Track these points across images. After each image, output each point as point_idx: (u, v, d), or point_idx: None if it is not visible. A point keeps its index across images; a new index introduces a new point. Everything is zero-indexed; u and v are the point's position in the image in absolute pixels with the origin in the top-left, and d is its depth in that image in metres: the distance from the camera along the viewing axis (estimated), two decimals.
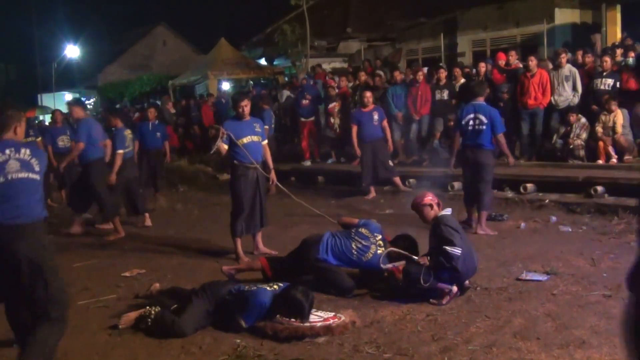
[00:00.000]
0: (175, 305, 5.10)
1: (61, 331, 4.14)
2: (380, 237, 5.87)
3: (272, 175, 7.53)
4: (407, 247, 5.76)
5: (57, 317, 4.07)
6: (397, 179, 10.77)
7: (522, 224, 8.21)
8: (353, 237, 5.92)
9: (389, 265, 5.72)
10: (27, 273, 3.97)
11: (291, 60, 21.22)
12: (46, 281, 4.02)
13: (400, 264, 5.65)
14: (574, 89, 10.77)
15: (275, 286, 5.09)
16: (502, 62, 12.02)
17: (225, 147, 7.05)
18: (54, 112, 13.91)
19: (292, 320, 4.78)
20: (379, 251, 5.76)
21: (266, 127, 11.53)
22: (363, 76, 13.75)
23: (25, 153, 4.18)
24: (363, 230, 5.94)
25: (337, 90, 13.80)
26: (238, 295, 4.98)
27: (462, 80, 12.49)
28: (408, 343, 4.54)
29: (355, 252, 5.79)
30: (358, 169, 11.04)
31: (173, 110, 19.37)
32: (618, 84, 10.46)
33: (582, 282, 5.70)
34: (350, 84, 14.20)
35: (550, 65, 11.31)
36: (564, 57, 10.89)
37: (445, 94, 12.06)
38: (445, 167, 9.11)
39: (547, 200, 9.20)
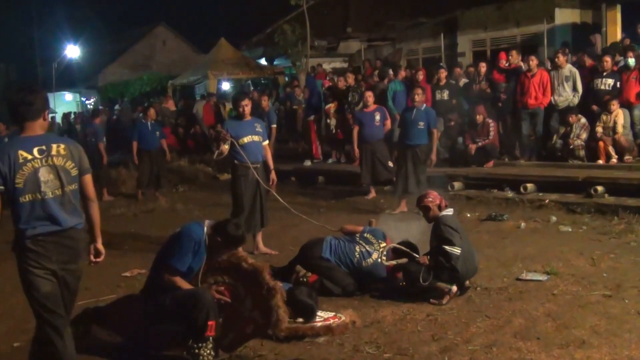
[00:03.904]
0: None
1: None
2: (384, 244, 5.87)
3: (273, 175, 7.53)
4: (408, 249, 5.80)
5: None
6: None
7: (522, 224, 8.20)
8: (358, 240, 5.94)
9: (392, 262, 5.73)
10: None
11: (291, 60, 21.23)
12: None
13: (402, 261, 5.67)
14: (574, 89, 10.76)
15: None
16: (503, 62, 12.02)
17: (227, 147, 7.06)
18: None
19: (300, 320, 4.80)
20: (380, 259, 5.76)
21: (274, 126, 11.56)
22: (350, 78, 13.74)
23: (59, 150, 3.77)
24: (368, 236, 5.96)
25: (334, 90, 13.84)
26: None
27: (464, 80, 12.50)
28: (408, 343, 4.54)
29: (358, 256, 5.79)
30: (358, 169, 11.03)
31: (174, 108, 19.34)
32: (618, 84, 10.46)
33: (582, 282, 5.71)
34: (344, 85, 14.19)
35: (549, 66, 11.30)
36: (563, 57, 10.89)
37: (445, 94, 12.06)
38: (446, 167, 9.09)
39: (547, 200, 9.20)
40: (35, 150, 3.68)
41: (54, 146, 3.73)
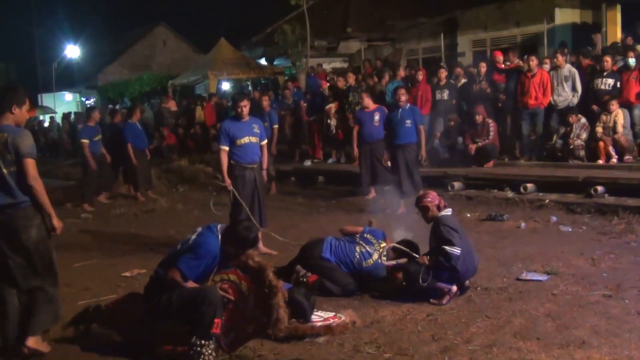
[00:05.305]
0: None
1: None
2: (384, 244, 5.88)
3: (264, 174, 7.53)
4: (408, 249, 5.80)
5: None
6: None
7: (522, 224, 8.20)
8: (358, 241, 5.94)
9: (392, 262, 5.74)
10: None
11: (291, 60, 21.24)
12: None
13: (402, 261, 5.68)
14: (574, 89, 10.77)
15: None
16: (500, 59, 12.01)
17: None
18: (93, 110, 12.73)
19: (294, 320, 4.79)
20: (381, 259, 5.76)
21: (275, 126, 11.57)
22: (350, 78, 13.75)
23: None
24: (368, 236, 5.97)
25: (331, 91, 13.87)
26: None
27: (464, 80, 12.50)
28: (408, 343, 4.54)
29: (358, 256, 5.80)
30: (358, 169, 11.02)
31: (175, 108, 19.29)
32: (618, 84, 10.46)
33: (582, 282, 5.70)
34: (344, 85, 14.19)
35: (547, 66, 11.29)
36: (562, 58, 10.89)
37: (445, 94, 12.06)
38: (446, 167, 9.09)
39: (547, 200, 9.20)
40: None
41: (0, 135, 4.38)
